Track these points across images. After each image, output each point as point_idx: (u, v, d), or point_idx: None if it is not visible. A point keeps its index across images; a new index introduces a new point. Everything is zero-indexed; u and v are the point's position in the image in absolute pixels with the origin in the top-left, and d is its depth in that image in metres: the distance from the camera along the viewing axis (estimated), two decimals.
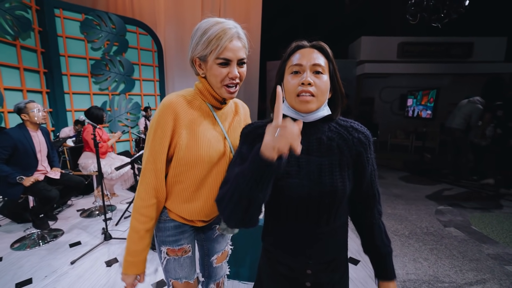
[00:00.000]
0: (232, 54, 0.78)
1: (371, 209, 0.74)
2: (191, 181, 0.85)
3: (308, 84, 0.63)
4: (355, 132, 0.69)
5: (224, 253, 1.10)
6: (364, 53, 7.12)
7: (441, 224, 2.73)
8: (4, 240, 2.35)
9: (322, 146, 0.67)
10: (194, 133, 0.82)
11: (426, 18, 2.97)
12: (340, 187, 0.64)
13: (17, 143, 2.09)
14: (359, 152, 0.68)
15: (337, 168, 0.65)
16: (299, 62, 0.65)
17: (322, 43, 0.68)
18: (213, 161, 0.85)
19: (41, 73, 4.38)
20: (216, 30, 0.77)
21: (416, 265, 2.03)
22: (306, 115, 0.66)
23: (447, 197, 3.54)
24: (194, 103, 0.84)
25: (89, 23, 4.81)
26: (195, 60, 0.83)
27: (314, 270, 0.69)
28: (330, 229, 0.68)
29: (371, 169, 0.70)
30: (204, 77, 0.85)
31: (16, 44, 3.87)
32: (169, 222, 0.90)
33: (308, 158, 0.66)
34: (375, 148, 5.45)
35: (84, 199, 3.42)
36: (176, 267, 0.92)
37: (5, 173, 2.04)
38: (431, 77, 7.36)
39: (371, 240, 0.74)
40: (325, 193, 0.64)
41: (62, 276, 1.87)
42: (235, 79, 0.81)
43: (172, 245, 0.90)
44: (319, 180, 0.64)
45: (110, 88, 5.20)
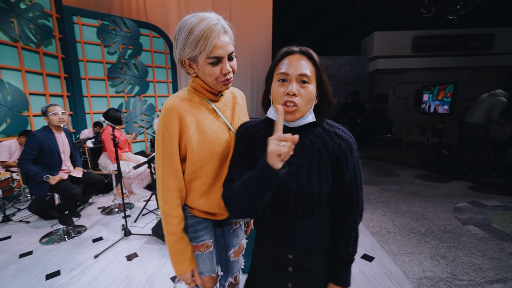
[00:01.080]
0: (222, 51, 0.77)
1: (347, 216, 0.75)
2: (208, 175, 0.87)
3: (293, 94, 0.65)
4: (337, 139, 0.71)
5: (240, 246, 1.13)
6: (377, 48, 6.97)
7: (459, 222, 2.65)
8: (33, 235, 2.51)
9: (303, 149, 0.70)
10: (201, 129, 0.83)
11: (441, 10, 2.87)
12: (316, 188, 0.68)
13: (43, 144, 2.23)
14: (338, 158, 0.70)
15: (315, 171, 0.69)
16: (286, 71, 0.66)
17: (310, 50, 0.69)
18: (224, 152, 0.87)
19: (62, 78, 4.60)
20: (202, 28, 0.74)
21: (433, 262, 1.99)
22: (291, 122, 0.69)
23: (466, 195, 3.43)
24: (193, 100, 0.85)
25: (105, 28, 4.99)
26: (185, 61, 0.82)
27: (295, 255, 0.74)
28: (309, 224, 0.72)
29: (351, 175, 0.72)
30: (196, 76, 0.85)
31: (39, 51, 4.09)
32: (190, 219, 0.92)
33: (289, 160, 0.68)
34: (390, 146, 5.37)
35: (104, 197, 3.57)
36: (199, 262, 0.93)
37: (33, 172, 2.18)
38: (448, 71, 7.11)
39: (337, 244, 0.76)
40: (302, 193, 0.68)
41: (87, 268, 1.98)
42: (228, 74, 0.81)
43: (194, 241, 0.92)
44: (297, 180, 0.68)
45: (125, 90, 5.39)
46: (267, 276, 0.80)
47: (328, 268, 0.79)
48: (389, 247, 2.22)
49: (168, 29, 5.98)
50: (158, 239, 2.37)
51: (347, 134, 0.73)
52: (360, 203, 0.75)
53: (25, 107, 3.80)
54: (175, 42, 0.82)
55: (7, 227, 2.72)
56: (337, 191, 0.73)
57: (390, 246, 2.24)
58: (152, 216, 2.89)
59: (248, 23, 6.58)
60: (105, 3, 5.68)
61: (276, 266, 0.76)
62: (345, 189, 0.73)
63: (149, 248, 2.25)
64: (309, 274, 0.75)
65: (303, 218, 0.71)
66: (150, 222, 2.74)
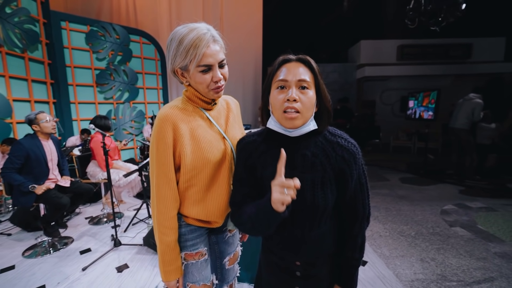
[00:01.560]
0: (212, 59, 0.79)
1: (352, 223, 0.75)
2: (202, 183, 0.88)
3: (293, 100, 0.64)
4: (340, 150, 0.69)
5: (235, 254, 1.12)
6: (363, 56, 7.20)
7: (447, 224, 2.73)
8: (16, 249, 2.39)
9: (306, 162, 0.69)
10: (195, 138, 0.84)
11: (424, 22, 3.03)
12: (321, 203, 0.67)
13: (29, 152, 2.15)
14: (341, 170, 0.69)
15: (319, 185, 0.68)
16: (284, 77, 0.66)
17: (307, 57, 0.69)
18: (218, 160, 0.87)
19: (48, 84, 4.48)
20: (192, 38, 0.76)
21: (424, 264, 2.04)
22: (292, 131, 0.68)
23: (452, 197, 3.55)
24: (187, 109, 0.86)
25: (94, 34, 4.93)
26: (177, 71, 0.84)
27: (302, 262, 0.75)
28: (315, 233, 0.72)
29: (355, 184, 0.71)
30: (189, 85, 0.87)
31: (24, 56, 3.98)
32: (185, 227, 0.92)
33: (292, 174, 0.67)
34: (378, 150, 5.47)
35: (92, 207, 3.46)
36: (194, 271, 0.93)
37: (18, 182, 2.10)
38: (432, 79, 7.42)
39: (342, 248, 0.77)
40: (306, 208, 0.68)
41: (74, 282, 1.90)
42: (219, 81, 0.83)
43: (189, 250, 0.92)
44: (301, 195, 0.66)
45: (114, 97, 5.30)
46: (275, 281, 0.80)
47: (334, 271, 0.80)
48: (381, 250, 2.26)
49: (159, 35, 5.97)
50: (149, 249, 2.31)
51: (350, 143, 0.71)
52: (367, 210, 0.75)
53: (8, 114, 3.67)
54: (167, 53, 0.84)
55: None
56: (343, 200, 0.73)
57: (382, 249, 2.28)
58: (143, 226, 2.82)
59: (238, 31, 6.66)
60: (94, 9, 5.62)
61: (284, 271, 0.77)
62: (351, 198, 0.72)
63: (140, 258, 2.19)
64: (316, 278, 0.76)
65: (309, 230, 0.71)
66: (141, 231, 2.67)
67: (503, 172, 4.51)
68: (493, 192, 3.73)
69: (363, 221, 0.75)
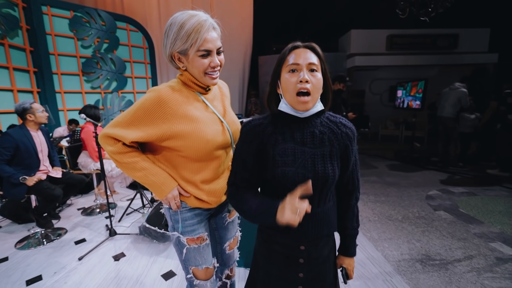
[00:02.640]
0: (211, 45, 0.82)
1: (349, 195, 0.85)
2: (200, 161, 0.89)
3: (305, 81, 0.70)
4: (343, 127, 0.78)
5: (235, 239, 1.16)
6: (354, 46, 7.23)
7: (431, 208, 2.89)
8: (7, 241, 2.36)
9: (315, 139, 0.75)
10: (190, 118, 0.84)
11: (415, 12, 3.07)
12: (330, 173, 0.74)
13: (19, 143, 2.10)
14: (346, 145, 0.77)
15: (328, 158, 0.74)
16: (295, 61, 0.71)
17: (314, 44, 0.76)
18: (216, 141, 0.88)
19: (31, 72, 4.29)
20: (193, 23, 0.79)
21: (410, 246, 2.17)
22: (303, 112, 0.74)
23: (436, 183, 3.72)
24: (182, 92, 0.87)
25: (78, 20, 4.71)
26: (174, 55, 0.85)
27: (307, 245, 0.78)
28: (322, 210, 0.77)
29: (354, 159, 0.81)
30: (184, 70, 0.88)
31: (4, 43, 3.78)
32: (185, 213, 0.94)
33: (303, 149, 0.74)
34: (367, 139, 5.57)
35: (84, 198, 3.43)
36: (196, 255, 0.96)
37: (8, 173, 2.05)
38: (420, 69, 7.57)
39: (343, 221, 0.87)
40: (318, 179, 0.73)
41: (71, 271, 1.91)
42: (216, 67, 0.86)
43: (190, 235, 0.94)
44: (313, 168, 0.73)
45: (102, 86, 5.14)
46: (276, 271, 0.81)
47: (333, 253, 0.86)
48: (370, 234, 2.38)
49: (147, 23, 5.78)
50: (145, 238, 2.33)
51: (349, 123, 0.81)
52: (359, 181, 0.86)
53: None
54: (165, 37, 0.84)
55: None
56: (343, 175, 0.80)
57: (371, 233, 2.39)
58: (137, 215, 2.83)
59: (228, 19, 6.52)
60: None
61: (287, 259, 0.79)
62: (350, 172, 0.82)
63: (136, 247, 2.22)
64: (318, 261, 0.80)
65: (317, 205, 0.76)
66: (136, 221, 2.68)
67: (483, 159, 4.74)
68: (474, 178, 3.94)
69: (357, 192, 0.86)
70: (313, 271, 0.80)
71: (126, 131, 0.84)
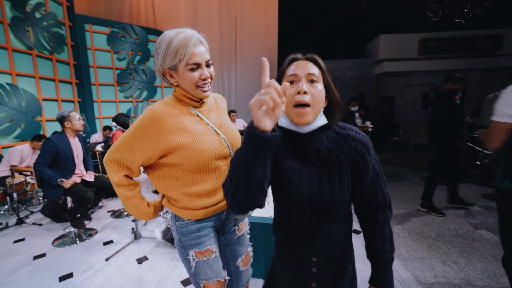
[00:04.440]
0: (200, 58, 0.84)
1: (374, 212, 0.75)
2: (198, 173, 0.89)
3: (303, 93, 0.64)
4: (352, 141, 0.70)
5: (248, 255, 1.13)
6: (382, 51, 6.96)
7: (471, 226, 2.61)
8: (46, 238, 2.56)
9: (321, 157, 0.69)
10: (185, 131, 0.85)
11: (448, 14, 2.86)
12: (339, 197, 0.68)
13: (58, 148, 2.29)
14: (357, 162, 0.69)
15: (336, 179, 0.68)
16: (294, 72, 0.67)
17: (315, 56, 0.71)
18: (213, 151, 0.88)
19: (73, 84, 4.72)
20: (180, 39, 0.81)
21: (445, 268, 1.96)
22: (303, 127, 0.68)
23: (477, 198, 3.37)
24: (176, 107, 0.88)
25: (115, 35, 5.12)
26: (165, 72, 0.87)
27: (319, 258, 0.74)
28: (331, 228, 0.72)
29: (372, 174, 0.72)
30: (177, 85, 0.89)
31: (52, 58, 4.22)
32: (190, 225, 0.93)
33: (309, 169, 0.69)
34: (398, 148, 5.20)
35: (113, 201, 3.63)
36: (206, 268, 0.94)
37: (48, 176, 2.24)
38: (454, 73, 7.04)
39: (372, 242, 0.75)
40: (324, 202, 0.68)
41: (99, 271, 2.02)
42: (206, 79, 0.87)
43: (198, 247, 0.93)
44: (320, 189, 0.68)
45: (134, 95, 5.49)
46: (290, 277, 0.80)
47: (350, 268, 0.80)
48: (399, 251, 2.20)
49: None
50: (167, 242, 2.39)
51: (361, 134, 0.72)
52: (387, 198, 0.75)
53: (38, 112, 3.91)
54: (155, 55, 0.87)
55: (21, 230, 2.78)
56: (361, 193, 0.73)
57: (400, 250, 2.22)
58: (161, 220, 2.93)
59: (253, 28, 6.66)
60: (115, 11, 5.83)
61: (300, 267, 0.77)
62: (369, 189, 0.73)
63: (159, 251, 2.28)
64: (332, 273, 0.76)
65: (326, 223, 0.72)
66: (159, 225, 2.77)
67: None
68: None
69: (385, 209, 0.75)
70: (326, 282, 0.76)
71: (128, 153, 0.87)
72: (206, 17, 6.32)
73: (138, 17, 6.03)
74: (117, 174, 0.90)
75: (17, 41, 3.69)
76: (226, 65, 6.86)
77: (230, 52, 6.82)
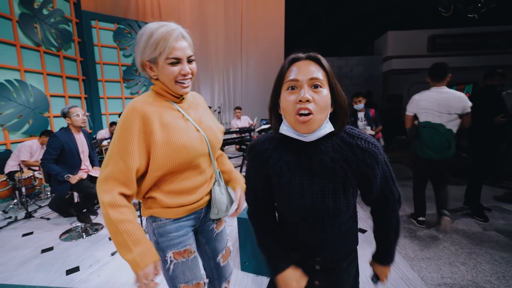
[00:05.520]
0: (180, 53, 0.82)
1: (384, 209, 0.76)
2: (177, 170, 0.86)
3: (306, 101, 0.59)
4: (361, 153, 0.64)
5: (227, 250, 1.12)
6: (390, 48, 6.84)
7: (480, 227, 2.55)
8: (53, 232, 2.61)
9: (325, 168, 0.64)
10: (165, 126, 0.82)
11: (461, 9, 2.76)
12: (343, 208, 0.64)
13: (64, 144, 2.32)
14: (364, 173, 0.65)
15: (341, 191, 0.64)
16: (295, 77, 0.61)
17: (318, 55, 0.64)
18: (193, 148, 0.86)
19: (80, 80, 4.77)
20: (162, 32, 0.79)
21: (453, 269, 1.93)
22: (307, 135, 0.63)
23: (488, 199, 3.30)
24: (156, 101, 0.86)
25: (121, 31, 5.14)
26: (145, 64, 0.85)
27: (323, 259, 0.75)
28: (335, 235, 0.71)
29: (381, 178, 0.69)
30: (156, 79, 0.87)
31: (60, 54, 4.25)
32: (168, 225, 0.89)
33: (312, 180, 0.65)
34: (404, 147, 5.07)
35: None
36: (185, 270, 0.90)
37: (55, 171, 2.27)
38: (466, 71, 6.88)
39: (379, 231, 0.80)
40: (329, 213, 0.65)
41: (104, 265, 2.04)
42: (187, 75, 0.84)
43: (177, 248, 0.89)
44: (322, 202, 0.64)
45: (140, 92, 5.52)
46: None
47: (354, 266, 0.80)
48: (405, 251, 2.17)
49: None
50: None
51: (370, 143, 0.65)
52: (396, 194, 0.74)
53: (46, 108, 3.96)
54: (136, 46, 0.85)
55: (30, 223, 2.84)
56: (369, 196, 0.72)
57: (407, 250, 2.18)
58: None
59: (259, 25, 6.61)
60: (122, 8, 5.85)
61: (303, 265, 0.76)
62: (377, 192, 0.71)
63: None
64: (335, 272, 0.75)
65: (331, 232, 0.70)
66: None
67: None
68: None
69: (394, 205, 0.75)
70: (330, 280, 0.75)
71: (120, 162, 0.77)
72: (212, 13, 6.30)
73: (144, 14, 6.04)
74: (110, 194, 0.75)
75: (25, 37, 3.73)
76: (232, 62, 6.83)
77: (236, 49, 6.78)
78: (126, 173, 0.77)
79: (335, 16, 7.63)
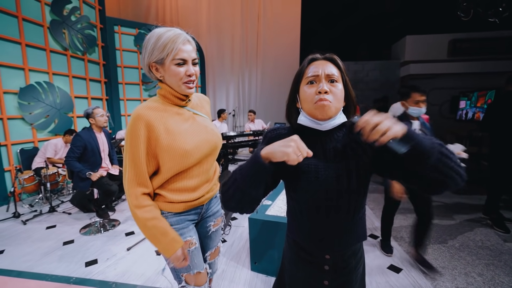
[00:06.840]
0: (186, 55, 0.88)
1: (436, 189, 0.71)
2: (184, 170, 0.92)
3: (324, 92, 0.66)
4: None
5: (217, 249, 1.16)
6: (409, 53, 6.68)
7: (500, 239, 2.45)
8: (74, 226, 2.75)
9: (338, 153, 0.70)
10: (169, 132, 0.88)
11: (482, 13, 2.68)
12: (356, 190, 0.69)
13: (86, 143, 2.46)
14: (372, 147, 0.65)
15: (354, 172, 0.69)
16: (314, 73, 0.69)
17: (334, 56, 0.72)
18: (199, 149, 0.92)
19: (102, 83, 5.01)
20: (169, 35, 0.85)
21: (468, 279, 1.87)
22: (324, 123, 0.68)
23: (509, 209, 3.15)
24: (161, 107, 0.91)
25: (141, 36, 5.36)
26: (152, 65, 0.90)
27: (332, 255, 0.75)
28: (348, 223, 0.73)
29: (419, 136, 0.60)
30: (161, 81, 0.92)
31: (84, 58, 4.50)
32: (170, 218, 0.94)
33: (326, 165, 0.69)
34: None
35: None
36: None
37: (78, 169, 2.41)
38: (488, 76, 6.60)
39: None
40: (343, 196, 0.69)
41: (120, 259, 2.13)
42: (192, 76, 0.90)
43: None
44: (337, 184, 0.68)
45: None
46: (302, 275, 0.81)
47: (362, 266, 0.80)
48: None
49: (199, 35, 6.27)
50: None
51: None
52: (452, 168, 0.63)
53: (70, 108, 4.20)
54: (144, 50, 0.91)
55: (53, 217, 3.01)
56: (396, 170, 0.67)
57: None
58: None
59: (276, 28, 6.69)
60: (143, 13, 6.11)
61: (313, 265, 0.77)
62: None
63: None
64: (345, 271, 0.76)
65: (345, 219, 0.72)
66: None
67: None
68: None
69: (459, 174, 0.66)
70: (339, 280, 0.76)
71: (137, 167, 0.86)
72: (229, 18, 6.44)
73: (163, 18, 6.27)
74: (134, 196, 0.86)
75: (54, 42, 3.98)
76: (248, 65, 6.92)
77: (252, 53, 6.87)
78: (140, 175, 0.87)
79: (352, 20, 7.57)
